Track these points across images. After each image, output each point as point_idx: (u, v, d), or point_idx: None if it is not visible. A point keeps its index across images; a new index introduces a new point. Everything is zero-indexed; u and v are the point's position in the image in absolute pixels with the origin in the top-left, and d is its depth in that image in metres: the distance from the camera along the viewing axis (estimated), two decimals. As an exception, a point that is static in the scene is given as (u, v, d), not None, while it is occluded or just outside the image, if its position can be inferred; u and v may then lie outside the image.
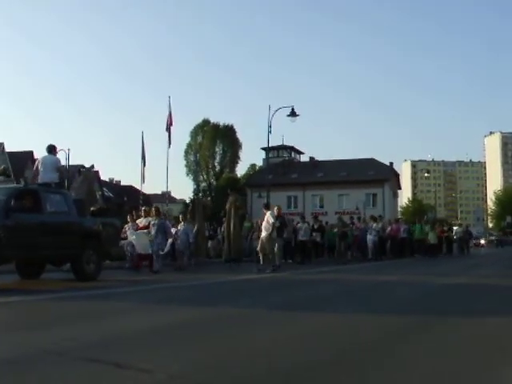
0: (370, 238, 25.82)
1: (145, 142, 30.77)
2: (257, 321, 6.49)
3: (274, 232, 17.22)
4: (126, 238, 16.65)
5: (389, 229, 28.13)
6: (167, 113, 28.60)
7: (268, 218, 17.23)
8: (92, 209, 14.42)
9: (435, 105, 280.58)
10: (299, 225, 23.93)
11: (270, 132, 29.98)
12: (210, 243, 24.61)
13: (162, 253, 16.30)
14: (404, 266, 21.34)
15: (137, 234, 16.68)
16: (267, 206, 19.63)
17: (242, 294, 10.28)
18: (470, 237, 40.25)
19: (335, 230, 25.75)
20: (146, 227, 16.65)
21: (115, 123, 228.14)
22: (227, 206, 20.04)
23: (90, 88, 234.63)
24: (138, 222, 17.59)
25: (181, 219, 19.33)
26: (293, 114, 29.02)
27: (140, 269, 16.38)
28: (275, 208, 18.57)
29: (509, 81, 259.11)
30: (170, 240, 17.10)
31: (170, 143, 28.23)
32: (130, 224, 17.56)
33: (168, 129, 28.02)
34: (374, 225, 26.26)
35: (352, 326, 6.09)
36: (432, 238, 30.58)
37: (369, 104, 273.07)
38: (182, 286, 11.94)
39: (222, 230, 22.59)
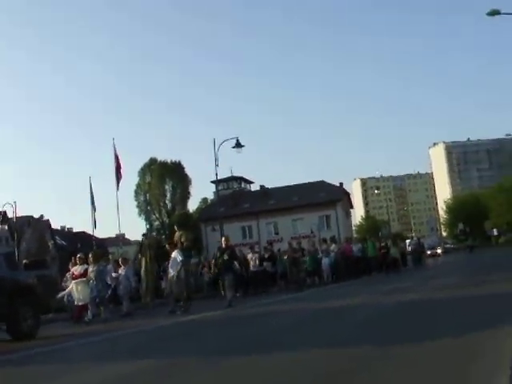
0: (325, 260, 25.40)
1: (93, 186, 30.16)
2: (196, 370, 6.11)
3: (182, 271, 16.27)
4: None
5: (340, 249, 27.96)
6: (113, 156, 28.02)
7: (176, 256, 16.46)
8: (24, 261, 13.95)
9: (377, 118, 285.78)
10: (249, 255, 23.44)
11: (217, 165, 29.93)
12: (162, 283, 23.81)
13: (98, 300, 15.51)
14: (362, 285, 21.23)
15: (75, 283, 15.77)
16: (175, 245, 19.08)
17: (191, 337, 9.82)
18: (422, 248, 40.90)
19: (285, 256, 24.61)
20: (83, 275, 15.81)
21: (61, 170, 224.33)
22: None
23: (32, 137, 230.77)
24: (73, 269, 16.65)
25: (120, 263, 18.23)
26: (238, 145, 29.08)
27: (81, 320, 15.45)
28: (223, 239, 18.12)
29: (450, 88, 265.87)
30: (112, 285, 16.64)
31: (118, 186, 27.69)
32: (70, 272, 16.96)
33: (117, 171, 27.48)
34: (333, 246, 26.12)
35: (306, 363, 5.79)
36: (394, 252, 30.71)
37: (311, 125, 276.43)
38: (124, 334, 11.28)
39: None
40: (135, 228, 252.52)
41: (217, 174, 30.91)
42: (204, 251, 61.84)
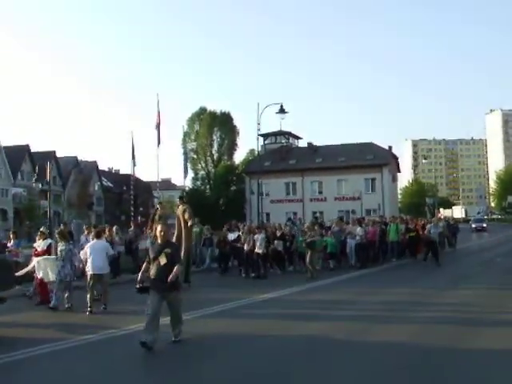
0: (351, 242, 23.32)
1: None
2: None
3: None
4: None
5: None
6: (156, 111, 27.84)
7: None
8: None
9: (436, 83, 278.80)
10: (256, 236, 20.76)
11: (259, 130, 29.59)
12: None
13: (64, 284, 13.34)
14: (374, 280, 19.30)
15: (38, 261, 13.89)
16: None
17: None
18: (455, 230, 34.25)
19: (305, 237, 20.90)
20: (46, 251, 14.19)
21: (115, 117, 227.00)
22: (176, 217, 18.13)
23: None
24: (35, 245, 14.93)
25: (58, 238, 14.31)
26: (282, 111, 28.63)
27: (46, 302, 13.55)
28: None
29: (509, 59, 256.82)
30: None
31: (159, 142, 27.65)
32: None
33: (157, 127, 27.38)
34: (358, 229, 23.43)
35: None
36: (434, 234, 24.73)
37: (368, 86, 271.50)
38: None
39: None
40: (181, 174, 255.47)
41: (258, 139, 30.46)
42: (249, 204, 61.99)
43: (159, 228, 9.57)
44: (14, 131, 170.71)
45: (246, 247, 20.77)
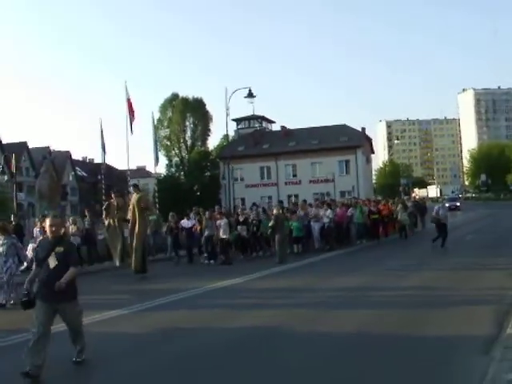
0: (314, 225, 23.08)
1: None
2: None
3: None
4: None
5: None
6: (125, 99, 27.16)
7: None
8: None
9: (410, 64, 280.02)
10: (218, 221, 20.53)
11: (228, 114, 29.44)
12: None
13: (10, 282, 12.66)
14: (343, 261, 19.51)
15: None
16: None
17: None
18: (423, 210, 33.71)
19: (270, 221, 20.90)
20: None
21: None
22: (130, 206, 17.80)
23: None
24: None
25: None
26: (250, 95, 28.48)
27: None
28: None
29: (482, 39, 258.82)
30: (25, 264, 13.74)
31: (131, 130, 27.09)
32: None
33: (130, 116, 26.80)
34: (328, 211, 23.30)
35: None
36: (404, 218, 27.15)
37: (342, 68, 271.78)
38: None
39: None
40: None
41: (227, 123, 30.31)
42: (225, 190, 61.70)
43: (49, 221, 7.25)
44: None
45: (206, 233, 20.54)
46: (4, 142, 74.18)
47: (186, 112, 75.25)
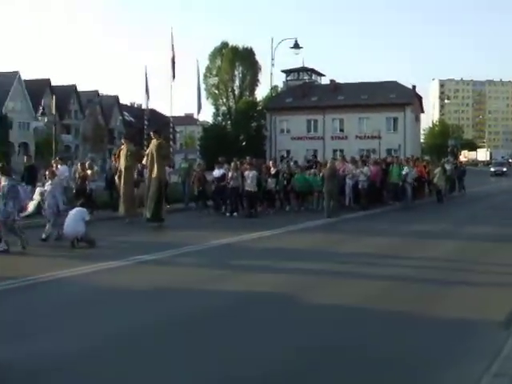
0: (349, 182, 22.00)
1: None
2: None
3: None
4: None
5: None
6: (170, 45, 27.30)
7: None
8: None
9: (465, 22, 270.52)
10: (246, 172, 19.53)
11: (272, 65, 29.11)
12: (136, 191, 18.77)
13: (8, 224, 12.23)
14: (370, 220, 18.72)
15: None
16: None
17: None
18: (462, 174, 32.31)
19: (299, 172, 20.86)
20: None
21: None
22: (147, 152, 17.35)
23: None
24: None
25: (47, 177, 14.07)
26: (296, 46, 28.00)
27: None
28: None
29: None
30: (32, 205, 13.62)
31: (174, 76, 27.32)
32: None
33: (172, 61, 26.98)
34: (365, 168, 22.22)
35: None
36: (439, 180, 26.04)
37: (395, 21, 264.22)
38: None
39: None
40: (203, 110, 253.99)
41: (271, 74, 30.13)
42: (268, 141, 61.54)
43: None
44: (35, 65, 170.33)
45: (232, 184, 19.67)
46: (53, 84, 75.22)
47: (235, 61, 74.79)
